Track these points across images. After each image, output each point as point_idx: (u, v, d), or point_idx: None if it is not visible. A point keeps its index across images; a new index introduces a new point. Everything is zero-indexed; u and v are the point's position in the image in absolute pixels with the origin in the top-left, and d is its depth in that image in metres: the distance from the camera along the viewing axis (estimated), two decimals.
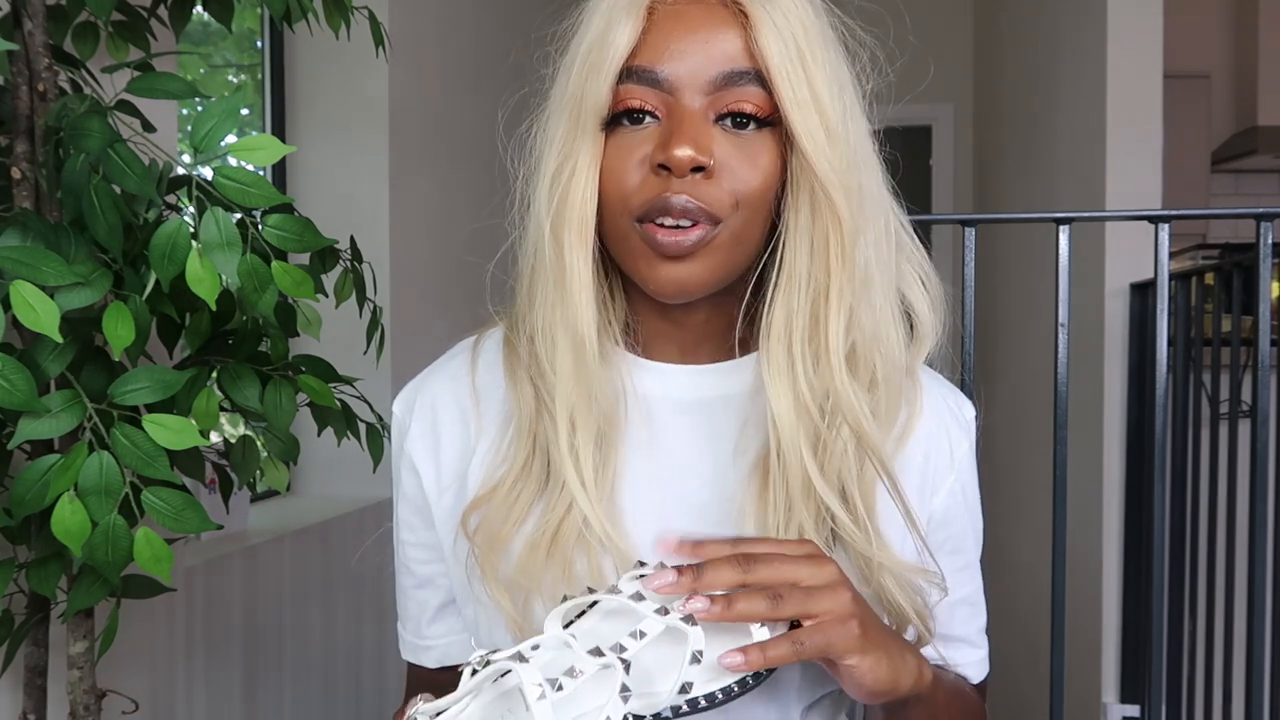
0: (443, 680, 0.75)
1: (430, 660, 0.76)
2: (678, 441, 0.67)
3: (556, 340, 0.63)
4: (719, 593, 0.55)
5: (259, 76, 2.13)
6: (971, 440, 0.72)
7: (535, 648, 0.54)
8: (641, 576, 0.56)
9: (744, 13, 0.60)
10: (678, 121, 0.59)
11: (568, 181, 0.62)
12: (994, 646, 0.77)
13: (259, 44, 2.12)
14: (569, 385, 0.63)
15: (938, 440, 0.70)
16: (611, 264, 0.67)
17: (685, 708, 0.55)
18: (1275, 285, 2.26)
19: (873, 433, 0.62)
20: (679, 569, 0.55)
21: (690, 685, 0.54)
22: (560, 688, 0.51)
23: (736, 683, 0.55)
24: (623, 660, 0.52)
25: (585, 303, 0.62)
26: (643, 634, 0.53)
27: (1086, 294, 2.47)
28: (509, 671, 0.53)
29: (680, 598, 0.54)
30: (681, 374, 0.68)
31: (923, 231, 0.72)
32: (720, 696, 0.55)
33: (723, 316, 0.67)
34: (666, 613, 0.54)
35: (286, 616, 1.83)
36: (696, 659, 0.53)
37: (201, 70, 2.12)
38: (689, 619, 0.53)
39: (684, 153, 0.58)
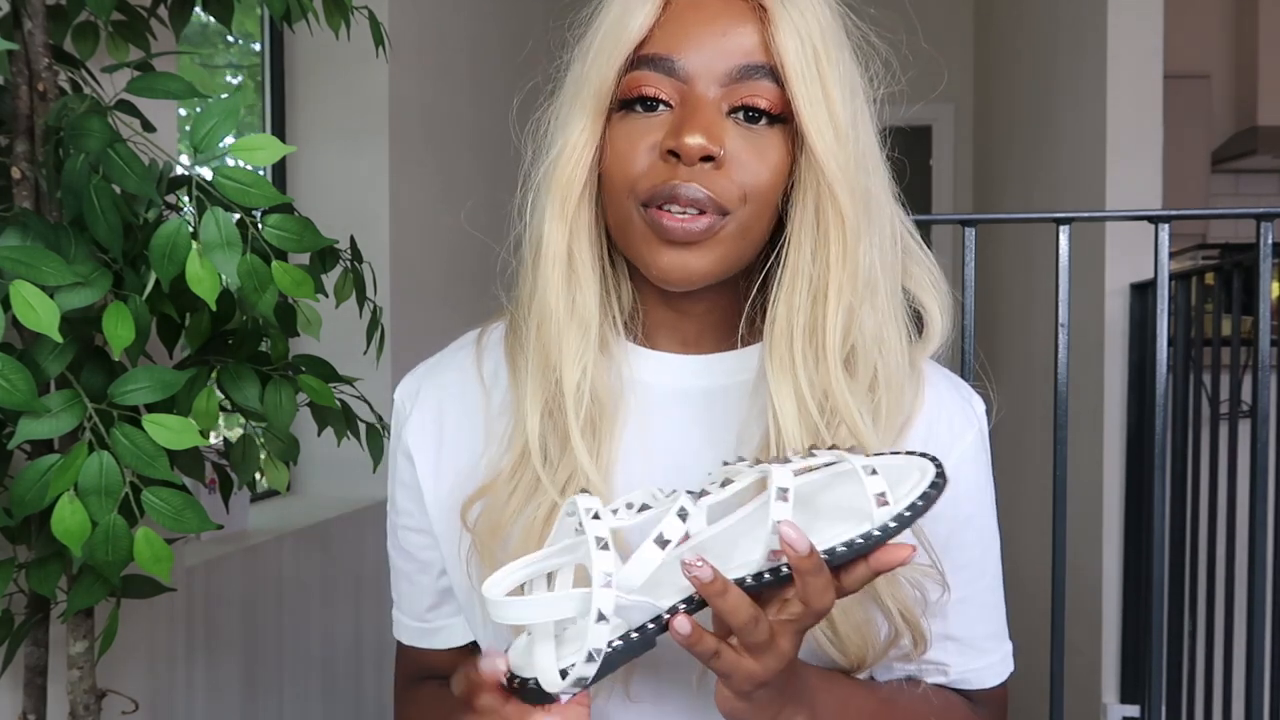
0: (448, 660, 0.75)
1: (439, 642, 0.76)
2: (676, 430, 0.68)
3: (531, 310, 0.65)
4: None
5: (259, 76, 2.13)
6: (977, 434, 0.71)
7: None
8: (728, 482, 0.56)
9: (763, 7, 0.61)
10: (691, 110, 0.60)
11: (561, 155, 0.63)
12: None
13: (257, 45, 2.12)
14: (539, 356, 0.64)
15: (937, 433, 0.70)
16: (618, 253, 0.67)
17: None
18: (1275, 285, 2.26)
19: (867, 433, 0.62)
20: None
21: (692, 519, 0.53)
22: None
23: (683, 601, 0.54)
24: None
25: (556, 277, 0.63)
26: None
27: (1086, 294, 2.47)
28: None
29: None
30: (682, 363, 0.69)
31: (923, 231, 0.72)
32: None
33: (724, 308, 0.67)
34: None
35: (286, 616, 1.83)
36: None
37: (198, 62, 2.11)
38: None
39: (695, 140, 0.58)
